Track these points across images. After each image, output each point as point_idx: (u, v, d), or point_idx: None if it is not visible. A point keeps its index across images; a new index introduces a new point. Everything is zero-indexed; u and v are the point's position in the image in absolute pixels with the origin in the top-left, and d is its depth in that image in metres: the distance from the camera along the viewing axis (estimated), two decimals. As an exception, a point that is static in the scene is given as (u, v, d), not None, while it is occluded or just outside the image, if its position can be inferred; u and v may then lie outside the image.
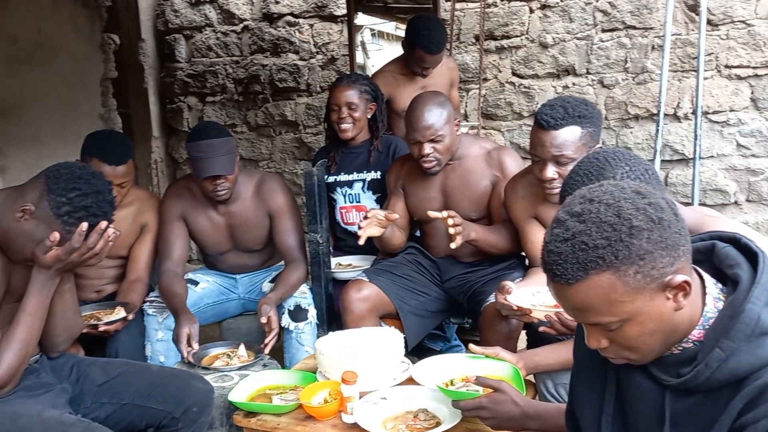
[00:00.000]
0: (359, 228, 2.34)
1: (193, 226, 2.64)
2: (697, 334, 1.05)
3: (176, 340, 2.29)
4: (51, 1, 4.41)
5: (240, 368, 2.21)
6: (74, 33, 4.57)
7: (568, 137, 1.99)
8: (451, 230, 2.22)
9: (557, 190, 2.07)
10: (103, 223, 1.63)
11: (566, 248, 1.02)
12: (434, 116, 2.34)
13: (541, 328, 1.91)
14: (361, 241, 2.34)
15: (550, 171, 2.04)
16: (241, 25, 4.64)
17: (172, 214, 2.61)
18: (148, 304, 2.50)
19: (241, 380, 2.03)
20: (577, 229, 1.02)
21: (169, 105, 4.95)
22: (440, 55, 3.01)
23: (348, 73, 2.92)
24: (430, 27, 2.94)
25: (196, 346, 2.28)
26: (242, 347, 2.31)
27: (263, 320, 2.33)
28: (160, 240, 2.62)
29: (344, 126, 2.80)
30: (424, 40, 2.92)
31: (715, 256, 1.11)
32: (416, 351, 2.67)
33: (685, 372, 1.05)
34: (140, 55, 4.76)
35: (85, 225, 1.59)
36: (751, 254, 1.07)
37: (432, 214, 2.26)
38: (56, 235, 1.58)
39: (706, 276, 1.09)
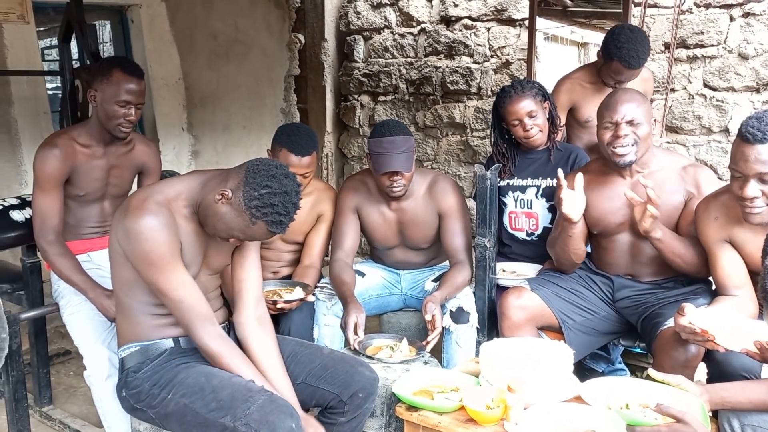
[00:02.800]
0: (559, 203, 2.27)
1: (365, 219, 2.74)
2: None
3: (344, 327, 2.39)
4: (249, 1, 4.80)
5: (402, 362, 2.26)
6: (266, 31, 4.94)
7: None
8: (650, 209, 2.12)
9: (758, 210, 1.91)
10: None
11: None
12: (635, 99, 2.27)
13: (742, 350, 1.74)
14: (573, 216, 2.26)
15: (752, 189, 1.88)
16: (418, 28, 4.73)
17: (347, 206, 2.73)
18: (318, 289, 2.63)
19: (405, 374, 2.07)
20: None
21: (343, 102, 5.17)
22: (638, 70, 2.83)
23: (512, 83, 2.80)
24: (633, 40, 2.74)
25: (362, 334, 2.36)
26: (405, 342, 2.36)
27: (428, 318, 2.36)
28: (334, 230, 2.74)
29: (531, 136, 2.71)
30: (625, 53, 2.75)
31: None
32: (576, 370, 2.56)
33: None
34: (322, 54, 5.02)
35: None
36: None
37: (629, 194, 2.17)
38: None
39: None
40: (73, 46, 3.53)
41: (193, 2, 4.51)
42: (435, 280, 2.71)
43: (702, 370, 2.11)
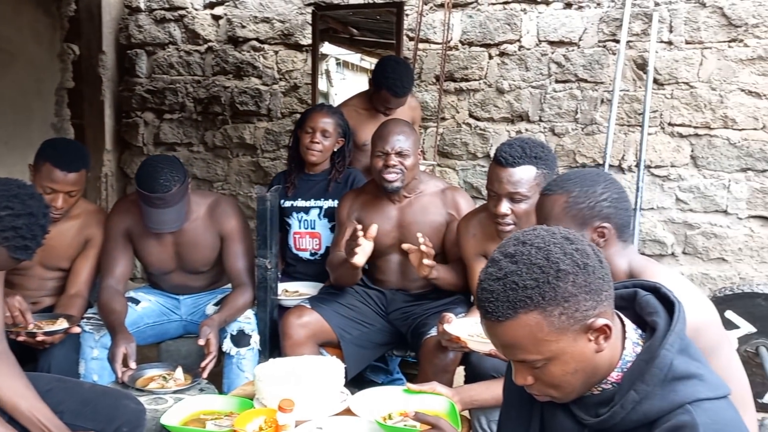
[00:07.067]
0: (351, 251, 2.34)
1: (138, 243, 2.61)
2: (615, 376, 1.11)
3: (111, 359, 2.24)
4: (12, 7, 4.34)
5: (175, 391, 2.17)
6: (33, 40, 4.50)
7: (524, 175, 2.09)
8: (426, 261, 2.31)
9: (509, 228, 2.15)
10: None
11: (498, 287, 1.06)
12: (404, 132, 2.49)
13: (491, 351, 1.93)
14: (360, 263, 2.35)
15: (504, 207, 2.12)
16: (205, 46, 4.65)
17: (117, 229, 2.58)
18: (85, 320, 2.45)
19: (176, 403, 2.00)
20: (509, 269, 1.07)
21: (125, 119, 4.89)
22: (405, 98, 3.09)
23: (321, 102, 2.97)
24: (397, 70, 3.02)
25: (133, 365, 2.23)
26: (179, 370, 2.28)
27: (201, 342, 2.30)
28: (103, 255, 2.58)
29: (313, 149, 2.83)
30: (390, 83, 3.00)
31: (637, 303, 1.17)
32: (357, 382, 2.67)
33: (602, 412, 1.10)
34: (99, 67, 4.71)
35: None
36: (669, 303, 1.14)
37: (407, 247, 2.34)
38: None
39: (627, 321, 1.15)
40: None
41: (-59, 3, 3.98)
42: (216, 304, 2.67)
43: (461, 373, 2.33)
